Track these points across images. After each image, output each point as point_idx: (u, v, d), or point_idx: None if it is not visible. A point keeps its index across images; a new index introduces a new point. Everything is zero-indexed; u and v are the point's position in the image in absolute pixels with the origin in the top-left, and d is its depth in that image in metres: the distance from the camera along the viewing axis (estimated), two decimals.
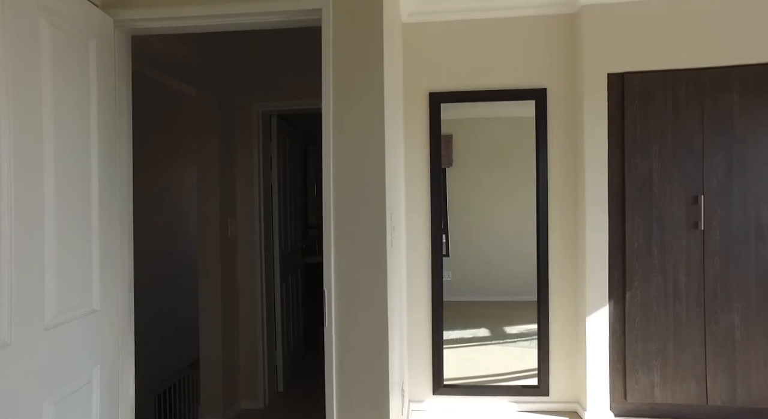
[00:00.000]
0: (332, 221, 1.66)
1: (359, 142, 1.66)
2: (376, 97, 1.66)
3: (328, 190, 1.67)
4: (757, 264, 2.50)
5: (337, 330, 1.64)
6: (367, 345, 1.64)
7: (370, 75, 1.66)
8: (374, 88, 1.66)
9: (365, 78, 1.66)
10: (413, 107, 2.80)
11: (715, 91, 2.52)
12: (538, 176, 2.73)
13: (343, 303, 1.65)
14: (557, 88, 2.71)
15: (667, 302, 2.56)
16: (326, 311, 1.64)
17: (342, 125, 1.67)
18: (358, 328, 1.64)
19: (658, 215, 2.56)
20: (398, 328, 2.20)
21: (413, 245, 2.81)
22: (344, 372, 1.64)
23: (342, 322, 1.65)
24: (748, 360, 2.51)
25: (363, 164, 1.66)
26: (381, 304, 1.65)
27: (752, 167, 2.50)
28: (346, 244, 1.65)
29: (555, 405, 2.72)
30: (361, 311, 1.65)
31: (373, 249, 1.65)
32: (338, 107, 1.67)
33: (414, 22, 2.78)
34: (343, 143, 1.67)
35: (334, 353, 1.63)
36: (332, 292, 1.65)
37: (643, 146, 2.57)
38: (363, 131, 1.66)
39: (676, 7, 2.53)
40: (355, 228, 1.65)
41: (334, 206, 1.67)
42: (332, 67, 1.66)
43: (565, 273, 2.73)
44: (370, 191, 1.66)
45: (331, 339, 1.64)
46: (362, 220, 1.65)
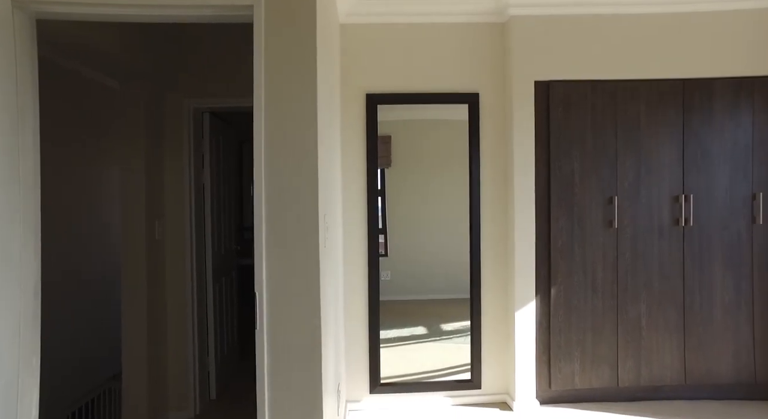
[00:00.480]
0: (263, 222, 1.63)
1: (291, 142, 1.64)
2: (309, 97, 1.64)
3: (259, 190, 1.63)
4: (660, 259, 2.77)
5: (269, 333, 1.61)
6: (300, 347, 1.62)
7: (304, 74, 1.64)
8: (307, 87, 1.64)
9: (298, 77, 1.64)
10: (350, 107, 2.81)
11: (626, 102, 2.75)
12: (470, 178, 2.83)
13: (276, 306, 1.62)
14: (489, 93, 2.83)
15: (586, 296, 2.76)
16: (257, 314, 1.61)
17: (274, 125, 1.63)
18: (290, 331, 1.62)
19: (579, 215, 2.76)
20: (334, 329, 2.19)
21: (350, 245, 2.82)
22: (277, 375, 1.61)
23: (274, 325, 1.62)
24: (650, 345, 2.77)
25: (295, 164, 1.64)
26: (314, 306, 1.63)
27: (655, 172, 2.76)
28: (277, 245, 1.63)
29: (486, 397, 2.85)
30: (294, 313, 1.63)
31: (306, 250, 1.63)
32: (270, 106, 1.63)
33: (351, 23, 2.78)
34: (275, 142, 1.63)
35: (266, 357, 1.60)
36: (264, 294, 1.62)
37: (567, 150, 2.75)
38: (295, 131, 1.64)
39: (596, 23, 2.72)
40: (287, 229, 1.63)
41: (265, 207, 1.63)
42: (264, 65, 1.63)
43: (497, 271, 2.85)
44: (303, 192, 1.64)
45: (262, 342, 1.60)
46: (294, 221, 1.63)
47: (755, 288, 2.78)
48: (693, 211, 2.76)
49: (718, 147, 2.76)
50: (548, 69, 2.72)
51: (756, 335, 2.78)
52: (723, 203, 2.77)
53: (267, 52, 1.63)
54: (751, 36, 2.74)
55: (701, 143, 2.76)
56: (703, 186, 2.77)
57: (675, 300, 2.77)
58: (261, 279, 1.62)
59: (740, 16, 2.74)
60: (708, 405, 2.73)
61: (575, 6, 2.69)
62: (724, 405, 2.72)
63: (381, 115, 2.83)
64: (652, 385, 2.78)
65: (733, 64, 2.74)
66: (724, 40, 2.74)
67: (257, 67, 1.62)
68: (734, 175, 2.77)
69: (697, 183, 2.77)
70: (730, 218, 2.77)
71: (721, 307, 2.78)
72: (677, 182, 2.76)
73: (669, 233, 2.77)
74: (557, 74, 2.73)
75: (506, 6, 2.68)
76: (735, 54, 2.74)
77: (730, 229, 2.77)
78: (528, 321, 2.74)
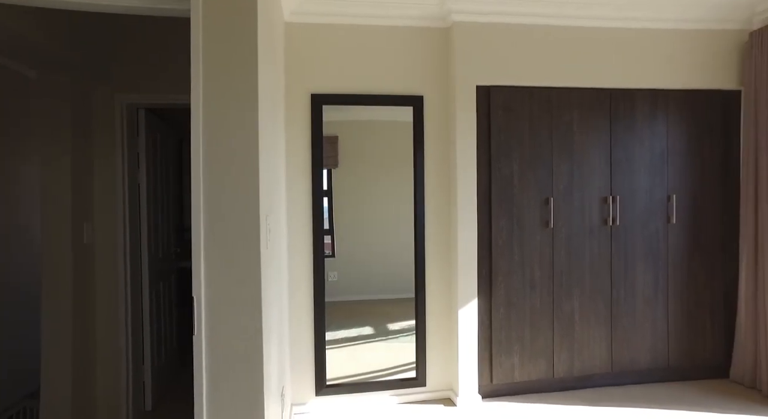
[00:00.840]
0: (202, 223, 1.57)
1: (231, 141, 1.59)
2: (249, 95, 1.61)
3: (197, 191, 1.57)
4: (590, 257, 2.96)
5: (208, 338, 1.56)
6: (241, 352, 1.58)
7: (244, 72, 1.60)
8: (248, 85, 1.60)
9: (238, 74, 1.60)
10: (295, 107, 2.77)
11: (561, 108, 2.91)
12: (415, 179, 2.88)
13: (215, 310, 1.57)
14: (433, 96, 2.89)
15: (525, 293, 2.90)
16: (195, 319, 1.55)
17: (213, 123, 1.58)
18: (231, 335, 1.58)
19: (519, 215, 2.88)
20: (277, 331, 2.16)
21: (295, 246, 2.78)
22: (216, 382, 1.56)
23: (213, 330, 1.57)
24: (582, 338, 2.96)
25: (235, 163, 1.59)
26: (255, 309, 1.60)
27: (586, 175, 2.95)
28: (217, 248, 1.58)
29: (431, 394, 2.91)
30: (235, 317, 1.58)
31: (247, 252, 1.60)
32: (209, 104, 1.58)
33: (296, 22, 2.74)
34: (214, 142, 1.58)
35: (205, 363, 1.55)
36: (202, 298, 1.56)
37: (507, 153, 2.87)
38: (236, 130, 1.59)
39: (533, 33, 2.86)
40: (227, 231, 1.58)
41: (204, 208, 1.58)
42: (202, 62, 1.57)
43: (440, 270, 2.92)
44: (243, 192, 1.60)
45: (200, 348, 1.54)
46: (234, 222, 1.59)
47: (669, 282, 3.04)
48: (619, 211, 2.97)
49: (640, 153, 2.99)
50: (489, 74, 2.82)
51: (669, 324, 3.04)
52: (644, 204, 3.01)
53: (205, 48, 1.57)
54: (667, 52, 2.99)
55: (625, 149, 2.98)
56: (628, 188, 2.99)
57: (603, 295, 2.97)
58: (199, 283, 1.56)
59: (659, 35, 2.99)
60: (631, 390, 2.95)
61: (515, 16, 2.81)
62: (644, 388, 2.97)
63: (327, 115, 2.81)
64: (584, 375, 2.96)
65: (652, 78, 2.98)
66: (644, 55, 2.97)
67: (194, 64, 1.56)
68: (653, 179, 3.01)
69: (622, 186, 2.98)
70: (650, 218, 3.02)
71: (642, 300, 3.01)
72: (605, 185, 2.96)
73: (598, 232, 2.96)
74: (498, 80, 2.84)
75: (449, 12, 2.76)
76: (653, 68, 2.98)
77: (649, 228, 3.02)
78: (470, 318, 2.83)
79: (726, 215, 3.09)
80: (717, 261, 3.09)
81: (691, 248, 3.06)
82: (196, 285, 1.56)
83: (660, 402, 2.78)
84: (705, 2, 2.85)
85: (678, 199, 3.03)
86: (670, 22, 2.96)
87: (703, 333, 3.09)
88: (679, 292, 3.05)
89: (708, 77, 3.04)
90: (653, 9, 2.89)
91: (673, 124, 3.02)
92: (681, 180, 3.04)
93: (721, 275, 3.10)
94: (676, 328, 3.05)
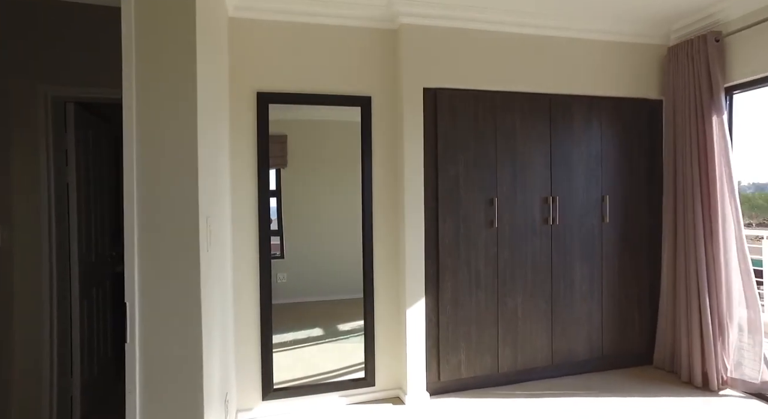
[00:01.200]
0: (135, 226, 1.49)
1: (168, 140, 1.52)
2: (188, 91, 1.54)
3: (130, 192, 1.48)
4: (532, 255, 3.09)
5: (142, 346, 1.48)
6: (178, 360, 1.51)
7: (182, 65, 1.53)
8: (186, 80, 1.54)
9: (176, 69, 1.53)
10: (240, 105, 2.69)
11: (504, 112, 3.02)
12: (363, 179, 2.88)
13: (150, 316, 1.49)
14: (381, 97, 2.90)
15: (471, 291, 2.98)
16: (128, 326, 1.46)
17: (148, 120, 1.50)
18: (167, 342, 1.50)
19: (464, 215, 2.96)
20: (221, 336, 2.08)
21: (240, 248, 2.70)
22: (151, 392, 1.48)
23: (148, 337, 1.48)
24: (525, 333, 3.08)
25: (172, 163, 1.52)
26: (194, 314, 1.53)
27: (529, 176, 3.08)
28: (152, 250, 1.50)
29: (380, 394, 2.92)
30: (172, 323, 1.51)
31: (185, 255, 1.53)
32: (143, 99, 1.50)
33: (241, 18, 2.66)
34: (149, 140, 1.50)
35: (138, 372, 1.46)
36: (136, 304, 1.48)
37: (453, 154, 2.93)
38: (173, 128, 1.52)
39: (479, 38, 2.94)
40: (164, 233, 1.51)
41: (138, 209, 1.49)
42: (135, 54, 1.48)
43: (389, 271, 2.94)
44: (182, 193, 1.53)
45: (134, 357, 1.46)
46: (171, 224, 1.51)
47: (603, 277, 3.24)
48: (559, 211, 3.12)
49: (577, 156, 3.16)
50: (436, 77, 2.87)
51: (603, 317, 3.24)
52: (581, 204, 3.18)
53: (139, 40, 1.49)
54: (599, 62, 3.19)
55: (564, 152, 3.14)
56: (566, 189, 3.15)
57: (544, 291, 3.11)
58: (132, 288, 1.48)
59: (592, 45, 3.17)
60: (569, 380, 3.11)
61: (461, 20, 2.88)
62: (581, 378, 3.14)
63: (275, 114, 2.75)
64: (526, 368, 3.09)
65: (586, 85, 3.16)
66: (579, 64, 3.15)
67: (127, 57, 1.47)
68: (588, 180, 3.19)
69: (561, 186, 3.14)
70: (586, 217, 3.19)
71: (579, 294, 3.19)
72: (546, 185, 3.10)
73: (540, 231, 3.10)
74: (444, 82, 2.89)
75: (397, 14, 2.78)
76: (587, 76, 3.16)
77: (585, 226, 3.19)
78: (418, 317, 2.86)
79: (651, 214, 3.33)
80: (644, 257, 3.33)
81: (622, 245, 3.27)
82: (129, 291, 1.47)
83: (593, 390, 2.96)
84: (630, 17, 3.07)
85: (611, 199, 3.23)
86: (601, 33, 3.15)
87: (631, 323, 3.31)
88: (612, 286, 3.25)
89: (635, 87, 3.26)
90: (585, 21, 3.06)
91: (606, 129, 3.22)
92: (613, 182, 3.24)
93: (647, 270, 3.33)
94: (608, 320, 3.25)
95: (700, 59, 2.95)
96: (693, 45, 3.00)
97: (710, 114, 2.91)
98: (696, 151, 2.97)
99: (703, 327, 2.94)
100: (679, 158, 3.10)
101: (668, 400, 2.82)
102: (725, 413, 2.65)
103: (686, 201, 3.05)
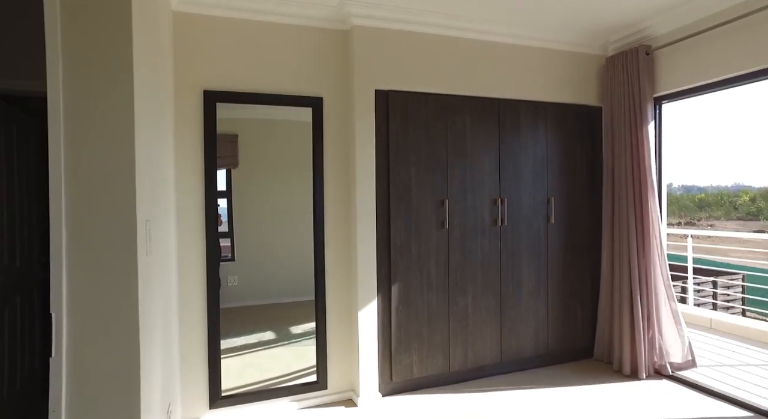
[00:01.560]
0: (63, 230, 1.39)
1: (101, 138, 1.43)
2: (124, 86, 1.45)
3: (57, 193, 1.38)
4: (482, 255, 3.17)
5: (70, 360, 1.38)
6: (112, 373, 1.42)
7: (116, 58, 1.44)
8: (121, 74, 1.45)
9: (109, 61, 1.43)
10: (186, 103, 2.58)
11: (454, 115, 3.07)
12: (314, 180, 2.85)
13: (79, 327, 1.39)
14: (333, 98, 2.88)
15: (422, 292, 3.01)
16: (54, 338, 1.36)
17: (77, 117, 1.40)
18: (99, 355, 1.41)
19: (416, 217, 2.99)
20: (162, 344, 1.98)
21: (186, 251, 2.59)
22: (79, 411, 1.38)
23: (77, 350, 1.39)
24: (475, 331, 3.16)
25: (107, 163, 1.43)
26: (131, 323, 1.45)
27: (478, 178, 3.15)
28: (83, 256, 1.40)
29: (332, 397, 2.89)
30: (105, 334, 1.42)
31: (121, 260, 1.44)
32: (72, 94, 1.40)
33: (186, 12, 2.56)
34: (79, 138, 1.41)
35: (65, 389, 1.36)
36: (63, 314, 1.38)
37: (405, 156, 2.95)
38: (106, 126, 1.43)
39: (430, 42, 2.97)
40: (97, 237, 1.42)
41: (66, 212, 1.39)
42: (62, 44, 1.38)
43: (341, 272, 2.92)
44: (117, 195, 1.44)
45: (60, 372, 1.36)
46: (106, 228, 1.43)
47: (549, 275, 3.37)
48: (507, 212, 3.22)
49: (524, 159, 3.28)
50: (388, 79, 2.88)
51: (549, 314, 3.38)
52: (528, 205, 3.30)
53: (66, 28, 1.38)
54: (545, 69, 3.32)
55: (512, 155, 3.24)
56: (514, 191, 3.25)
57: (494, 290, 3.20)
58: (60, 297, 1.38)
59: (538, 52, 3.29)
60: (517, 376, 3.22)
61: (413, 24, 2.91)
62: (528, 374, 3.26)
63: (226, 113, 2.67)
64: (477, 366, 3.16)
65: (533, 91, 3.28)
66: (526, 70, 3.26)
67: (51, 46, 1.37)
68: (535, 182, 3.31)
69: (509, 188, 3.24)
70: (533, 218, 3.31)
71: (526, 293, 3.30)
72: (495, 187, 3.19)
73: (489, 231, 3.18)
74: (396, 85, 2.91)
75: (349, 15, 2.77)
76: (533, 82, 3.28)
77: (533, 227, 3.31)
78: (371, 318, 2.86)
79: (593, 215, 3.51)
80: (586, 256, 3.50)
81: (566, 245, 3.43)
82: (55, 300, 1.37)
83: (536, 383, 3.09)
84: (572, 28, 3.22)
85: (556, 201, 3.37)
86: (546, 41, 3.29)
87: (574, 319, 3.47)
88: (557, 284, 3.40)
89: (577, 94, 3.42)
90: (531, 29, 3.18)
91: (551, 133, 3.36)
92: (558, 184, 3.39)
93: (589, 268, 3.51)
94: (554, 317, 3.39)
95: (633, 70, 3.15)
96: (627, 57, 3.19)
97: (641, 122, 3.10)
98: (630, 156, 3.17)
99: (635, 319, 3.15)
100: (616, 163, 3.29)
101: (598, 387, 3.03)
102: (646, 396, 2.86)
103: (621, 203, 3.24)
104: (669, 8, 2.94)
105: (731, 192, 22.51)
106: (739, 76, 2.76)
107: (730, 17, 2.68)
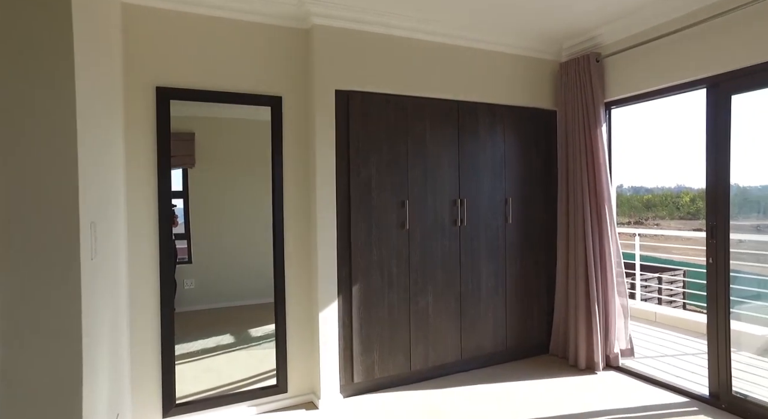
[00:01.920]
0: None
1: (38, 136, 1.35)
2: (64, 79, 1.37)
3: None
4: (442, 255, 3.22)
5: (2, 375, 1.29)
6: (50, 385, 1.34)
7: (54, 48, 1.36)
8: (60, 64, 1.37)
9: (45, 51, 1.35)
10: (137, 100, 2.48)
11: (415, 117, 3.10)
12: (273, 181, 2.80)
13: (13, 338, 1.31)
14: (292, 97, 2.84)
15: (383, 292, 3.02)
16: None
17: (7, 113, 1.32)
18: (36, 366, 1.33)
19: (377, 218, 2.99)
20: (110, 352, 1.90)
21: (137, 254, 2.49)
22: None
23: (10, 361, 1.30)
24: (436, 330, 3.20)
25: (44, 164, 1.35)
26: (73, 330, 1.38)
27: (438, 179, 3.20)
28: (18, 261, 1.32)
29: (293, 400, 2.85)
30: (43, 343, 1.34)
31: (62, 266, 1.37)
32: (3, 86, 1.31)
33: (138, 4, 2.46)
34: (12, 136, 1.32)
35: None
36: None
37: (365, 157, 2.95)
38: (43, 123, 1.35)
39: (390, 43, 2.99)
40: (33, 242, 1.34)
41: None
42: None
43: (301, 273, 2.89)
44: (57, 197, 1.36)
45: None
46: (43, 231, 1.35)
47: (507, 274, 3.47)
48: (466, 213, 3.28)
49: (483, 160, 3.35)
50: (348, 79, 2.88)
51: (507, 312, 3.47)
52: (486, 205, 3.38)
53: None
54: (502, 73, 3.41)
55: (471, 156, 3.31)
56: (474, 192, 3.32)
57: (453, 289, 3.25)
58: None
59: (496, 56, 3.37)
60: (477, 373, 3.29)
61: (374, 25, 2.91)
62: (487, 371, 3.34)
63: (181, 110, 2.58)
64: (438, 364, 3.20)
65: (490, 94, 3.36)
66: (484, 73, 3.34)
67: None
68: (494, 183, 3.40)
69: (469, 189, 3.30)
70: (491, 218, 3.40)
71: (486, 292, 3.38)
72: (455, 188, 3.25)
73: (449, 232, 3.23)
74: (356, 85, 2.90)
75: (309, 14, 2.74)
76: (491, 85, 3.37)
77: (491, 227, 3.40)
78: (331, 320, 2.85)
79: (548, 215, 3.64)
80: (542, 254, 3.62)
81: (524, 245, 3.53)
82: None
83: (497, 379, 3.17)
84: (528, 34, 3.33)
85: (513, 201, 3.47)
86: (504, 46, 3.38)
87: (531, 317, 3.59)
88: (515, 283, 3.50)
89: (533, 97, 3.54)
90: (489, 33, 3.26)
91: (509, 135, 3.45)
92: (516, 185, 3.49)
93: (545, 266, 3.63)
94: (512, 315, 3.49)
95: (585, 76, 3.29)
96: (579, 63, 3.34)
97: (595, 125, 3.25)
98: (584, 158, 3.31)
99: (591, 315, 3.28)
100: (571, 164, 3.42)
101: (553, 381, 3.14)
102: (598, 387, 2.99)
103: (576, 203, 3.37)
104: (616, 18, 3.09)
105: (674, 193, 23.87)
106: (670, 87, 2.94)
107: (668, 31, 2.85)
